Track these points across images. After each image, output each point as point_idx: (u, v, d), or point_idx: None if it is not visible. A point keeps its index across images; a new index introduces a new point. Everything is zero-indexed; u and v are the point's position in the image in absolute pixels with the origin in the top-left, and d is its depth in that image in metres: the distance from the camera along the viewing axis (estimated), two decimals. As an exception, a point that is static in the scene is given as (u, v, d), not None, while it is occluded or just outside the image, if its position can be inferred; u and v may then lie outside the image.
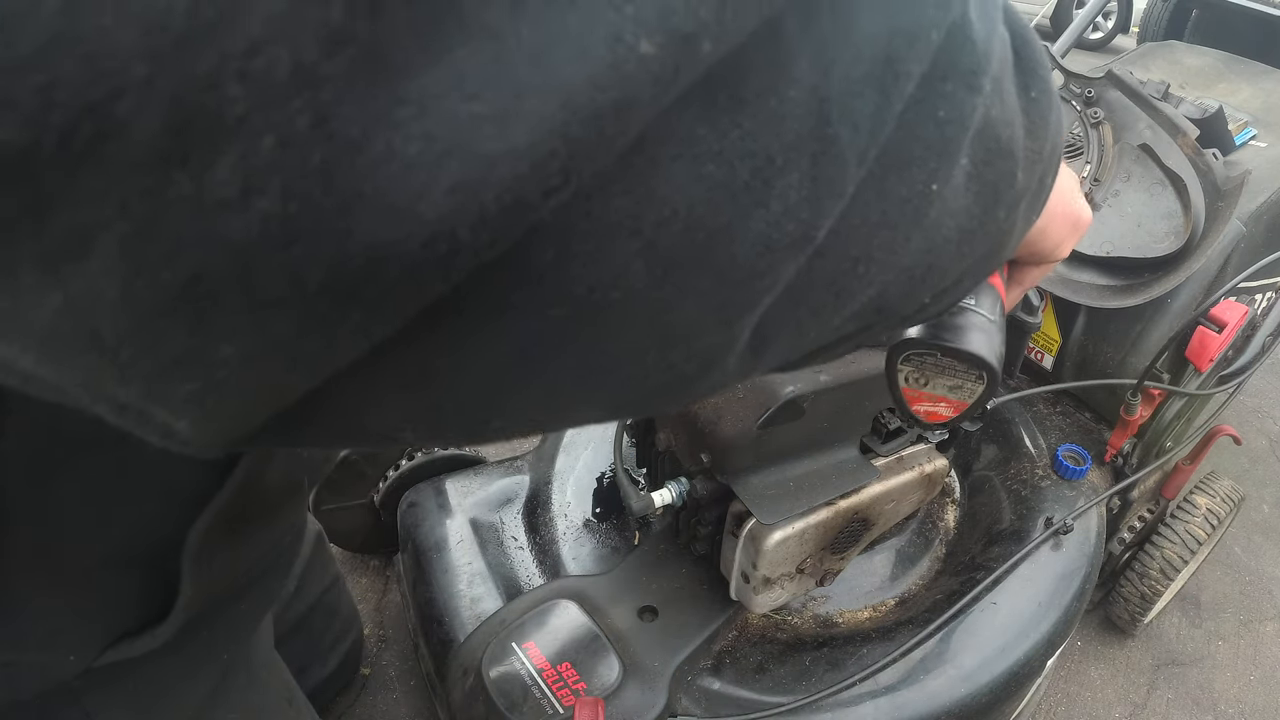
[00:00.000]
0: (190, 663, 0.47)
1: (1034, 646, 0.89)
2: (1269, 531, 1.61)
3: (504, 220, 0.14)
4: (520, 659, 0.79)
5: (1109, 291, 1.10)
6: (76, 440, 0.34)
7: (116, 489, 0.36)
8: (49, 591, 0.37)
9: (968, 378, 0.39)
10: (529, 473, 1.10)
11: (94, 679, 0.41)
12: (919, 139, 0.19)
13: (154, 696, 0.45)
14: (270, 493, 0.42)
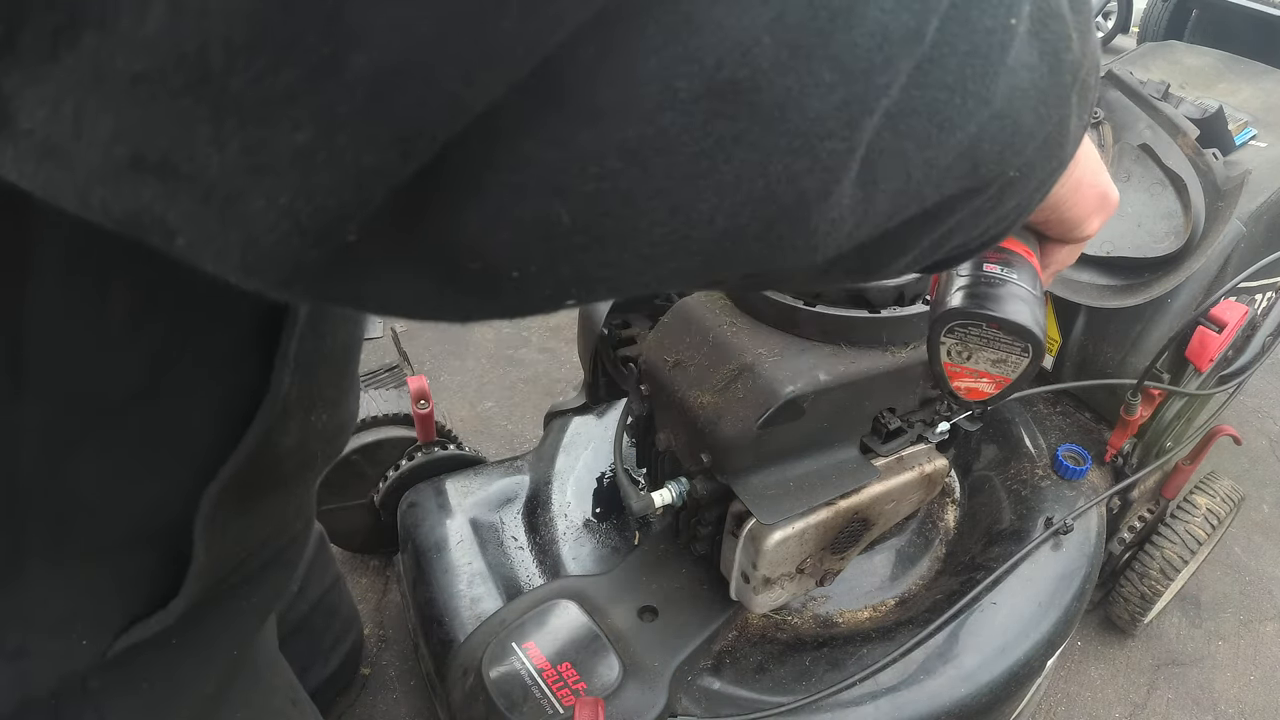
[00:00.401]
0: (200, 660, 0.47)
1: (1034, 646, 0.89)
2: (1269, 531, 1.61)
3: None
4: (520, 659, 0.79)
5: (1109, 291, 1.10)
6: (96, 408, 0.34)
7: (133, 460, 0.36)
8: (63, 570, 0.37)
9: (1012, 350, 0.39)
10: (529, 473, 1.10)
11: (107, 676, 0.41)
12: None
13: (165, 695, 0.45)
14: (283, 461, 0.42)
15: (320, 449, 0.46)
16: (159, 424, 0.36)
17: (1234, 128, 1.23)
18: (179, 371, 0.35)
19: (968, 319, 0.38)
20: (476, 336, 2.03)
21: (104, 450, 0.35)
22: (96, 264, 0.31)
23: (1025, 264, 0.40)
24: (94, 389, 0.33)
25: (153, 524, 0.39)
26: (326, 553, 1.01)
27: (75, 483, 0.35)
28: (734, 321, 0.75)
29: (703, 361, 0.74)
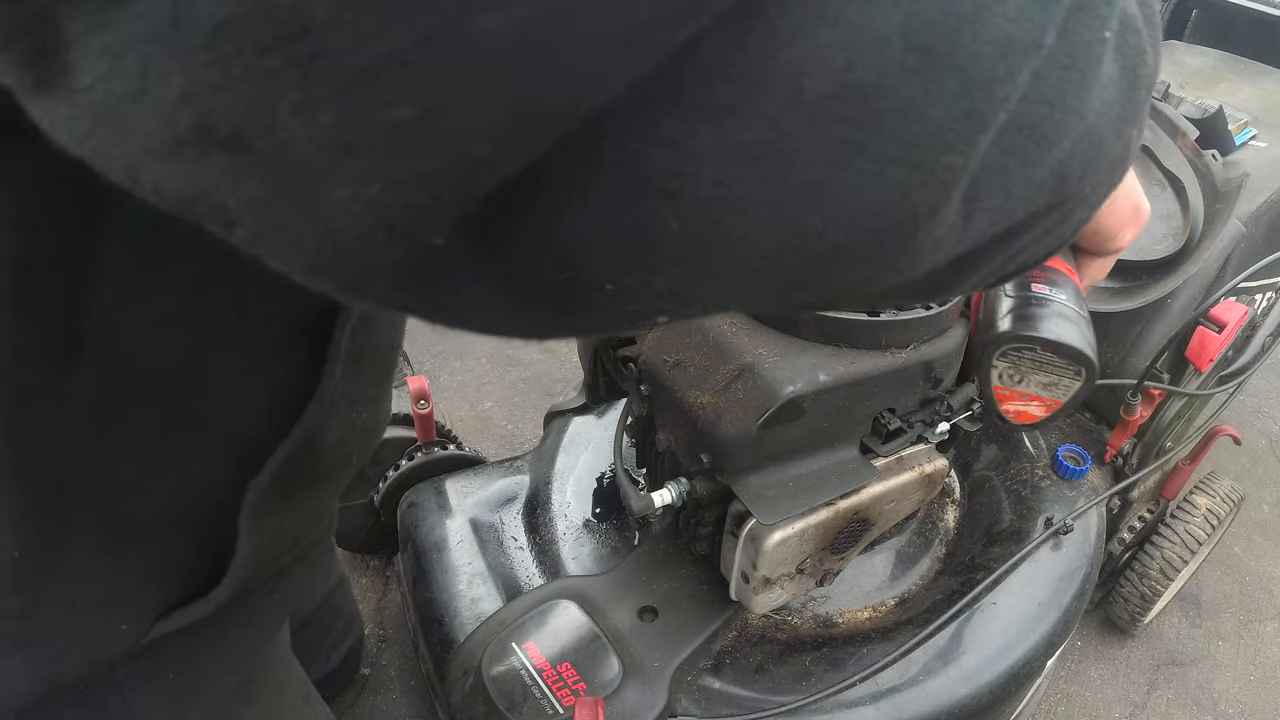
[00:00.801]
0: (224, 654, 0.47)
1: (1034, 646, 0.89)
2: (1269, 531, 1.61)
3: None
4: (520, 659, 0.79)
5: (1107, 294, 1.10)
6: (145, 384, 0.33)
7: (176, 443, 0.36)
8: (104, 553, 0.37)
9: (1065, 374, 0.38)
10: (529, 473, 1.10)
11: (134, 665, 0.41)
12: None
13: (189, 687, 0.45)
14: (324, 456, 0.42)
15: (357, 447, 0.46)
16: (203, 408, 0.36)
17: (1234, 128, 1.23)
18: (225, 355, 0.35)
19: (1022, 342, 0.37)
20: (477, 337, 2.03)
21: (147, 430, 0.35)
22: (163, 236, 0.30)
23: (1069, 282, 0.39)
24: (142, 365, 0.33)
25: (193, 510, 0.39)
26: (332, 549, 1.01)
27: (119, 462, 0.35)
28: (734, 321, 0.75)
29: (703, 361, 0.74)
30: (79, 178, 0.27)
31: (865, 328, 0.71)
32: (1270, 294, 1.23)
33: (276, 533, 0.43)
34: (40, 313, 0.29)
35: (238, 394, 0.37)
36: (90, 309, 0.30)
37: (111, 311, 0.31)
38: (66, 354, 0.31)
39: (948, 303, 0.74)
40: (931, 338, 0.74)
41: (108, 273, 0.30)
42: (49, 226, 0.28)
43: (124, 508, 0.36)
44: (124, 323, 0.31)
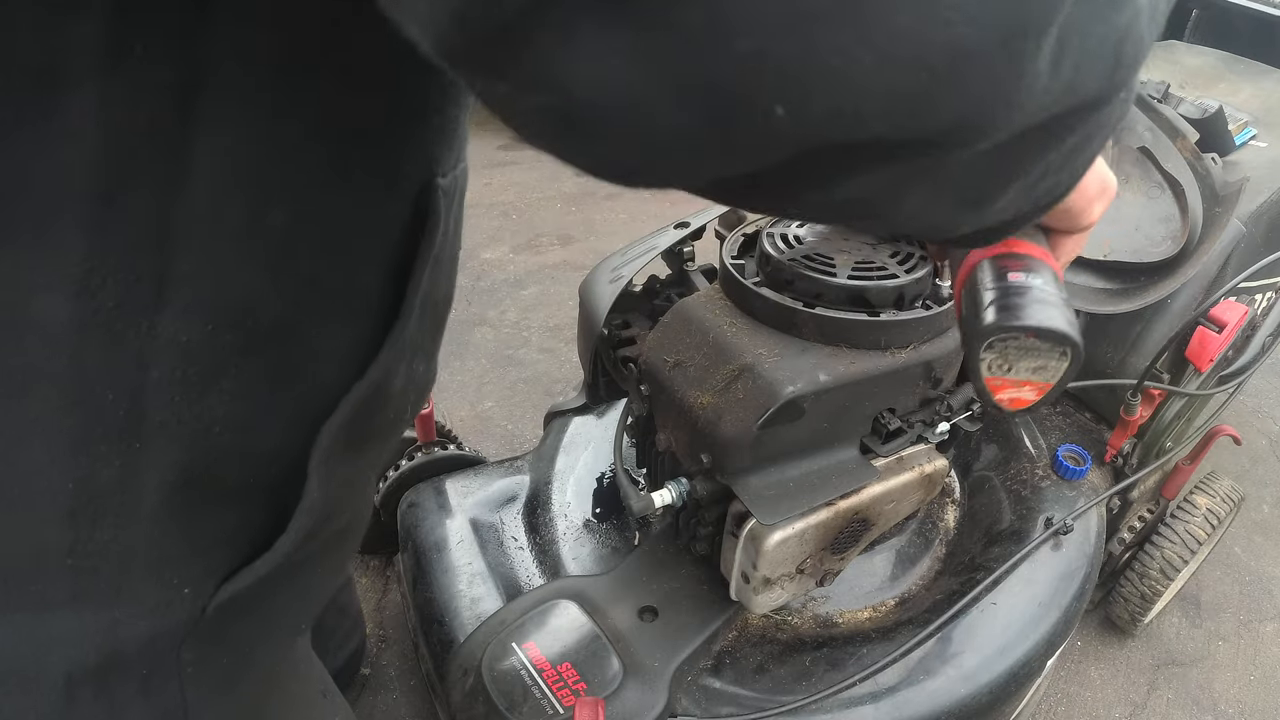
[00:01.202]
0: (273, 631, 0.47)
1: (1034, 646, 0.89)
2: (1269, 531, 1.61)
3: None
4: (520, 659, 0.79)
5: (1105, 295, 1.10)
6: (241, 336, 0.33)
7: (265, 401, 0.36)
8: (178, 511, 0.36)
9: (1051, 356, 0.39)
10: (529, 473, 1.10)
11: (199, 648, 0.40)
12: None
13: (236, 672, 0.45)
14: (389, 404, 0.43)
15: (412, 402, 0.47)
16: (294, 360, 0.36)
17: (1234, 128, 1.23)
18: (324, 298, 0.35)
19: (1005, 332, 0.38)
20: (477, 337, 2.03)
21: (241, 387, 0.34)
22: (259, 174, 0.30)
23: (1045, 267, 0.40)
24: (243, 311, 0.33)
25: (269, 472, 0.38)
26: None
27: (209, 421, 0.34)
28: (734, 322, 0.75)
29: (703, 362, 0.74)
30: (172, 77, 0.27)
31: (865, 328, 0.71)
32: (1270, 294, 1.23)
33: (341, 484, 0.43)
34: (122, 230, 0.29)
35: (326, 345, 0.37)
36: (181, 241, 0.30)
37: (206, 245, 0.30)
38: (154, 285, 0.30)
39: (947, 302, 0.74)
40: (931, 338, 0.74)
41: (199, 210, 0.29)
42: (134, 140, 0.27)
43: (207, 466, 0.36)
44: (221, 262, 0.31)
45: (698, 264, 0.97)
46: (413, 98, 0.34)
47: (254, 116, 0.29)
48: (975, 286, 0.40)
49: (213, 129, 0.28)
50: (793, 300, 0.72)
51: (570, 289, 2.23)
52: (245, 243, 0.31)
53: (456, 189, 0.40)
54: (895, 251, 0.75)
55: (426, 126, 0.36)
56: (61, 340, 0.30)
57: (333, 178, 0.33)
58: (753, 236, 0.85)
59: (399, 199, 0.36)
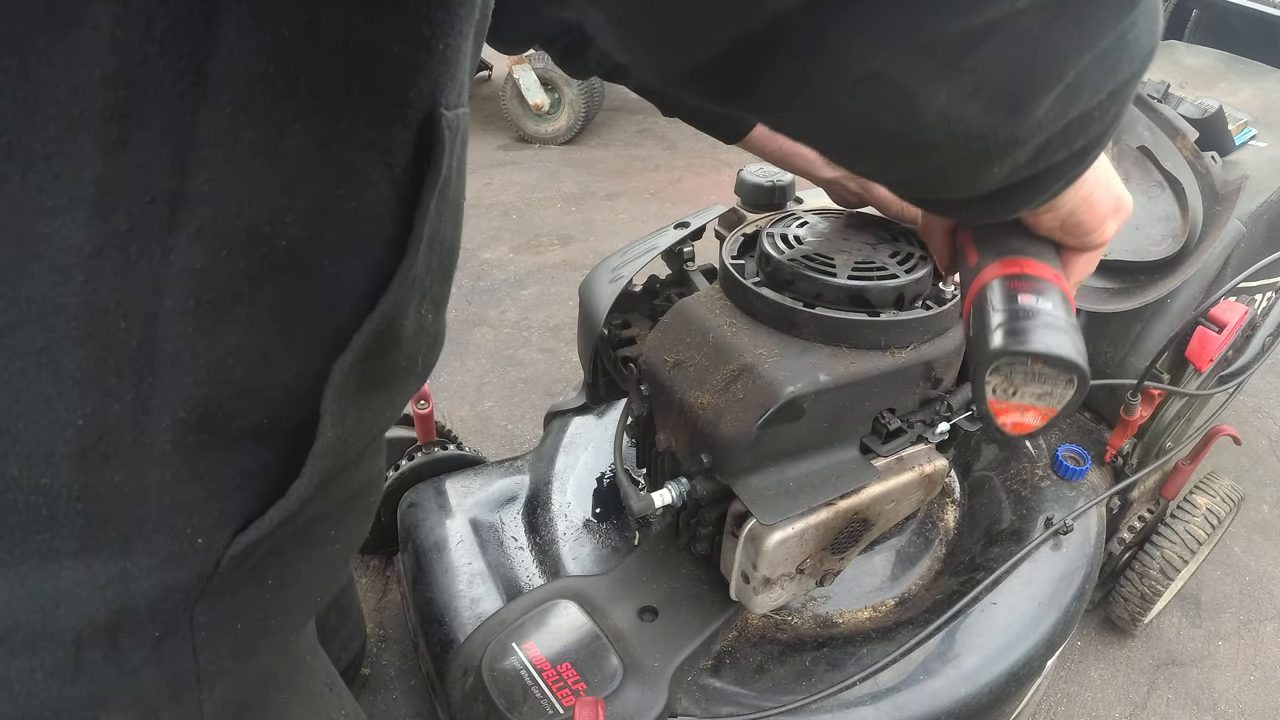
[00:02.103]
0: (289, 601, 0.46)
1: (1034, 646, 0.89)
2: (1269, 531, 1.61)
3: None
4: (520, 659, 0.79)
5: (1105, 294, 1.10)
6: (255, 261, 0.32)
7: (281, 334, 0.35)
8: (190, 454, 0.35)
9: (1057, 383, 0.39)
10: (529, 473, 1.10)
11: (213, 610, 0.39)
12: None
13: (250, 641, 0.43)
14: (400, 347, 0.42)
15: (421, 353, 0.46)
16: (306, 289, 0.35)
17: (1234, 128, 1.23)
18: (339, 224, 0.35)
19: (1012, 357, 0.38)
20: (477, 337, 2.03)
21: (255, 316, 0.34)
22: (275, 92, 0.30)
23: (1055, 290, 0.40)
24: (258, 235, 0.32)
25: (283, 411, 0.38)
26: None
27: (222, 353, 0.33)
28: (734, 322, 0.75)
29: (703, 362, 0.74)
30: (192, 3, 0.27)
31: (865, 328, 0.71)
32: (1270, 294, 1.23)
33: (353, 429, 0.42)
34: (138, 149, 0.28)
35: (342, 273, 0.37)
36: (197, 161, 0.29)
37: (222, 166, 0.30)
38: (168, 207, 0.29)
39: (947, 302, 0.74)
40: (931, 338, 0.74)
41: (216, 129, 0.29)
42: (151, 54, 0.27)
43: (221, 405, 0.35)
44: (239, 180, 0.30)
45: (698, 264, 0.97)
46: (418, 21, 0.34)
47: (271, 31, 0.29)
48: (984, 307, 0.40)
49: (231, 43, 0.28)
50: (793, 300, 0.72)
51: (570, 289, 2.23)
52: (260, 163, 0.31)
53: (459, 127, 0.40)
54: (895, 252, 0.75)
55: (430, 53, 0.36)
56: (73, 266, 0.29)
57: (345, 98, 0.33)
58: (753, 236, 0.85)
59: (405, 125, 0.36)
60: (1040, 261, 0.41)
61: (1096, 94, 0.33)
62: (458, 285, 2.23)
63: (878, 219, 0.81)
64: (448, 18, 0.36)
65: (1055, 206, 0.42)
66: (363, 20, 0.32)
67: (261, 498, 0.39)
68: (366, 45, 0.33)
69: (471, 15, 0.38)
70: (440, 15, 0.35)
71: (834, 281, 0.71)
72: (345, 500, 0.47)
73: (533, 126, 3.30)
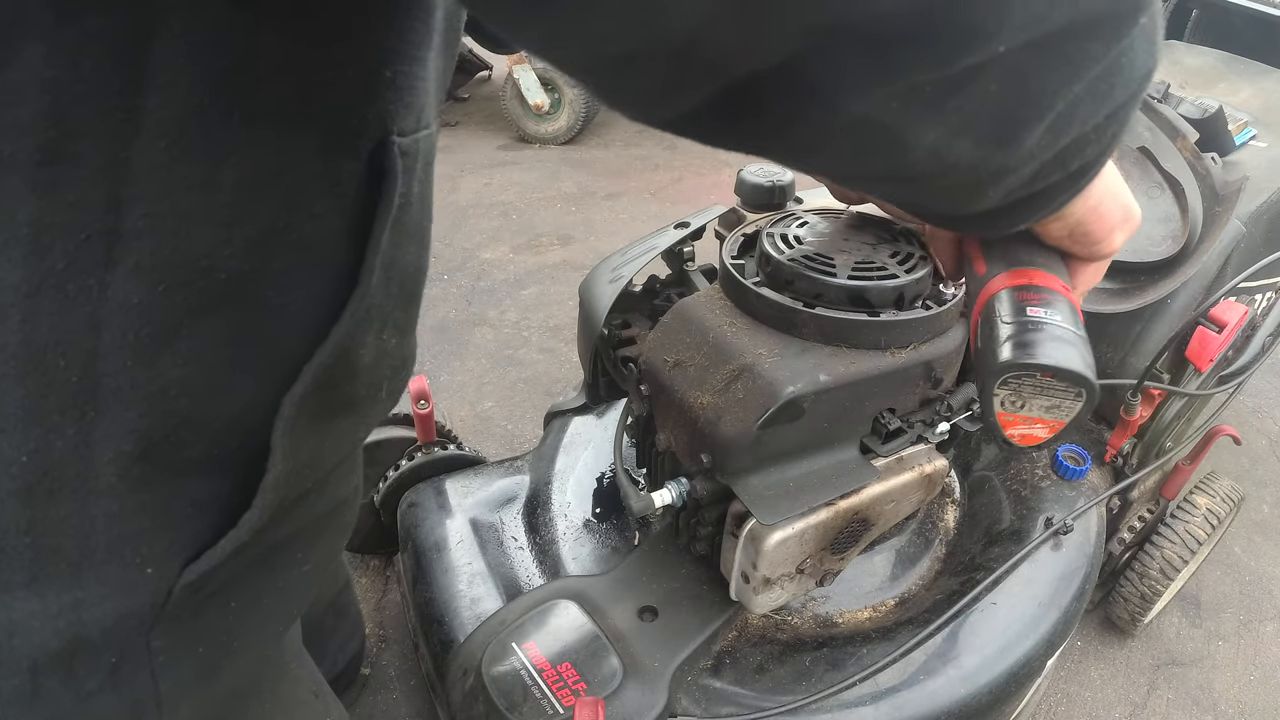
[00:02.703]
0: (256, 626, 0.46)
1: (1034, 647, 0.89)
2: (1269, 531, 1.61)
3: None
4: (520, 659, 0.79)
5: (1105, 295, 1.10)
6: (196, 294, 0.32)
7: (226, 363, 0.35)
8: (136, 484, 0.35)
9: (1065, 396, 0.39)
10: (529, 473, 1.10)
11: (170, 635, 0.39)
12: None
13: (214, 663, 0.43)
14: (358, 376, 0.42)
15: (387, 377, 0.46)
16: (252, 321, 0.35)
17: (1234, 128, 1.23)
18: (282, 256, 0.34)
19: (1021, 370, 0.37)
20: (477, 337, 2.03)
21: (199, 349, 0.34)
22: (210, 126, 0.30)
23: (1064, 301, 0.40)
24: (196, 269, 0.32)
25: (234, 441, 0.37)
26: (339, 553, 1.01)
27: (165, 384, 0.33)
28: (734, 322, 0.75)
29: (703, 361, 0.74)
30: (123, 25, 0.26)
31: (865, 328, 0.71)
32: (1270, 294, 1.23)
33: (310, 458, 0.42)
34: (71, 188, 0.28)
35: (289, 305, 0.36)
36: (132, 196, 0.29)
37: (157, 201, 0.30)
38: (104, 244, 0.29)
39: (947, 302, 0.74)
40: (931, 338, 0.74)
41: (151, 164, 0.29)
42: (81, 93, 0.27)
43: (167, 435, 0.35)
44: (174, 215, 0.30)
45: (698, 264, 0.97)
46: (363, 49, 0.34)
47: (204, 67, 0.29)
48: (992, 318, 0.40)
49: (164, 78, 0.28)
50: (793, 300, 0.72)
51: (570, 289, 2.23)
52: (197, 197, 0.31)
53: (419, 153, 0.39)
54: (895, 252, 0.75)
55: (379, 80, 0.35)
56: (9, 306, 0.29)
57: (284, 130, 0.32)
58: (753, 236, 0.85)
59: (353, 155, 0.36)
60: (1048, 272, 0.41)
61: (1090, 119, 0.32)
62: (458, 285, 2.23)
63: (878, 219, 0.81)
64: (398, 44, 0.35)
65: (1063, 216, 0.42)
66: (304, 50, 0.31)
67: (215, 527, 0.39)
68: (308, 76, 0.32)
69: (428, 39, 0.37)
70: (390, 42, 0.35)
71: (834, 281, 0.71)
72: (314, 522, 0.47)
73: (533, 126, 3.30)
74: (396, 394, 0.50)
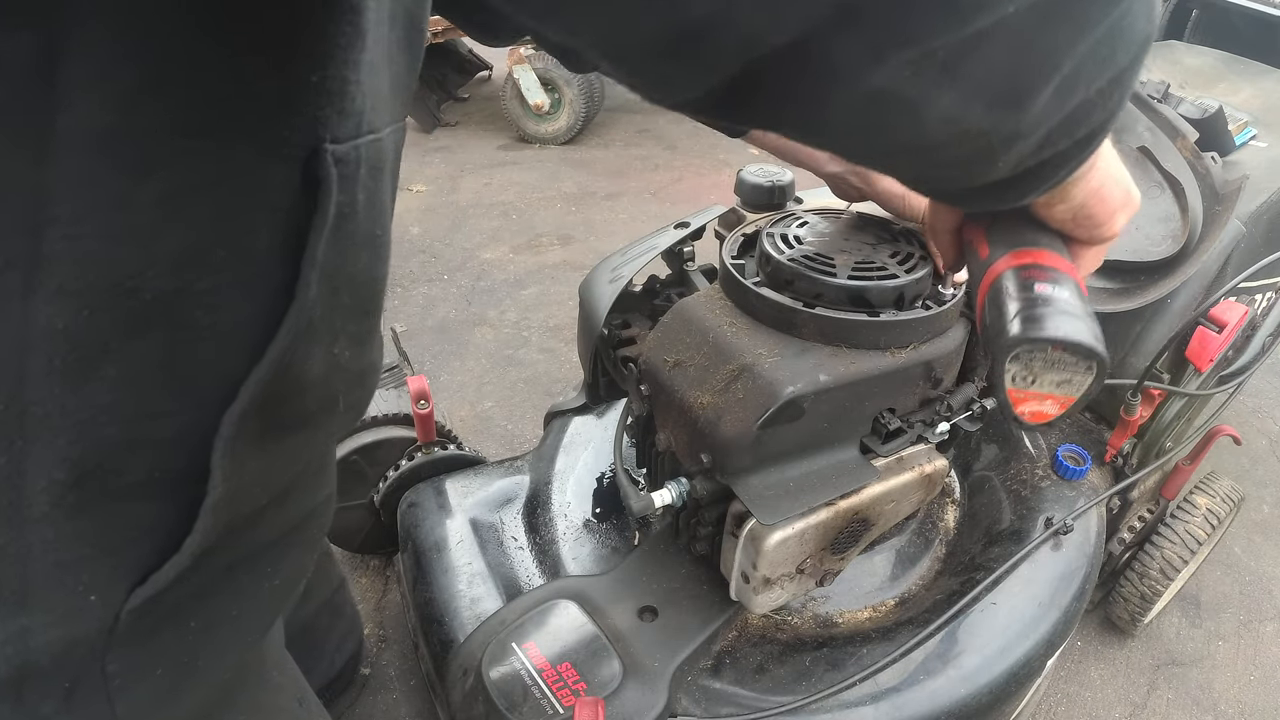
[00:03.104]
0: (218, 648, 0.45)
1: (1034, 647, 0.89)
2: (1269, 531, 1.61)
3: None
4: (520, 659, 0.79)
5: (1105, 294, 1.10)
6: (121, 316, 0.32)
7: (159, 385, 0.34)
8: (73, 511, 0.34)
9: (1076, 370, 0.39)
10: (529, 473, 1.10)
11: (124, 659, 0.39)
12: None
13: (176, 684, 0.43)
14: (307, 391, 0.41)
15: (343, 391, 0.45)
16: (187, 339, 0.34)
17: (1234, 128, 1.23)
18: (210, 273, 0.34)
19: (1032, 344, 0.38)
20: (477, 337, 2.03)
21: (129, 372, 0.33)
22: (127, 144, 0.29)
23: (1069, 279, 0.40)
24: (120, 291, 0.31)
25: (176, 463, 0.37)
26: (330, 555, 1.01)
27: (95, 410, 0.33)
28: (734, 322, 0.75)
29: (703, 362, 0.74)
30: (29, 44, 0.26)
31: (865, 328, 0.71)
32: (1270, 294, 1.23)
33: (259, 478, 0.41)
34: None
35: (222, 325, 0.35)
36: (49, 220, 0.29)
37: (75, 224, 0.29)
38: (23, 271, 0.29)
39: (947, 302, 0.74)
40: (931, 338, 0.74)
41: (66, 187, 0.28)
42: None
43: (101, 461, 0.34)
44: (95, 237, 0.30)
45: (698, 264, 0.97)
46: (284, 55, 0.33)
47: (117, 84, 0.28)
48: (1000, 296, 0.40)
49: (74, 99, 0.27)
50: (793, 300, 0.72)
51: (570, 289, 2.23)
52: (116, 217, 0.30)
53: (360, 160, 0.38)
54: (895, 252, 0.75)
55: (304, 87, 0.34)
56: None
57: (205, 145, 0.31)
58: (753, 236, 0.85)
59: (283, 166, 0.35)
60: (1053, 252, 0.41)
61: (1094, 82, 0.33)
62: (458, 285, 2.23)
63: (878, 219, 0.81)
64: (324, 48, 0.34)
65: (1067, 198, 0.42)
66: (220, 61, 0.30)
67: (161, 550, 0.38)
68: (226, 87, 0.31)
69: (357, 40, 0.35)
70: (314, 47, 0.33)
71: (834, 281, 0.71)
72: (278, 537, 0.46)
73: (533, 126, 3.30)
74: (359, 405, 0.49)
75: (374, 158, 0.39)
